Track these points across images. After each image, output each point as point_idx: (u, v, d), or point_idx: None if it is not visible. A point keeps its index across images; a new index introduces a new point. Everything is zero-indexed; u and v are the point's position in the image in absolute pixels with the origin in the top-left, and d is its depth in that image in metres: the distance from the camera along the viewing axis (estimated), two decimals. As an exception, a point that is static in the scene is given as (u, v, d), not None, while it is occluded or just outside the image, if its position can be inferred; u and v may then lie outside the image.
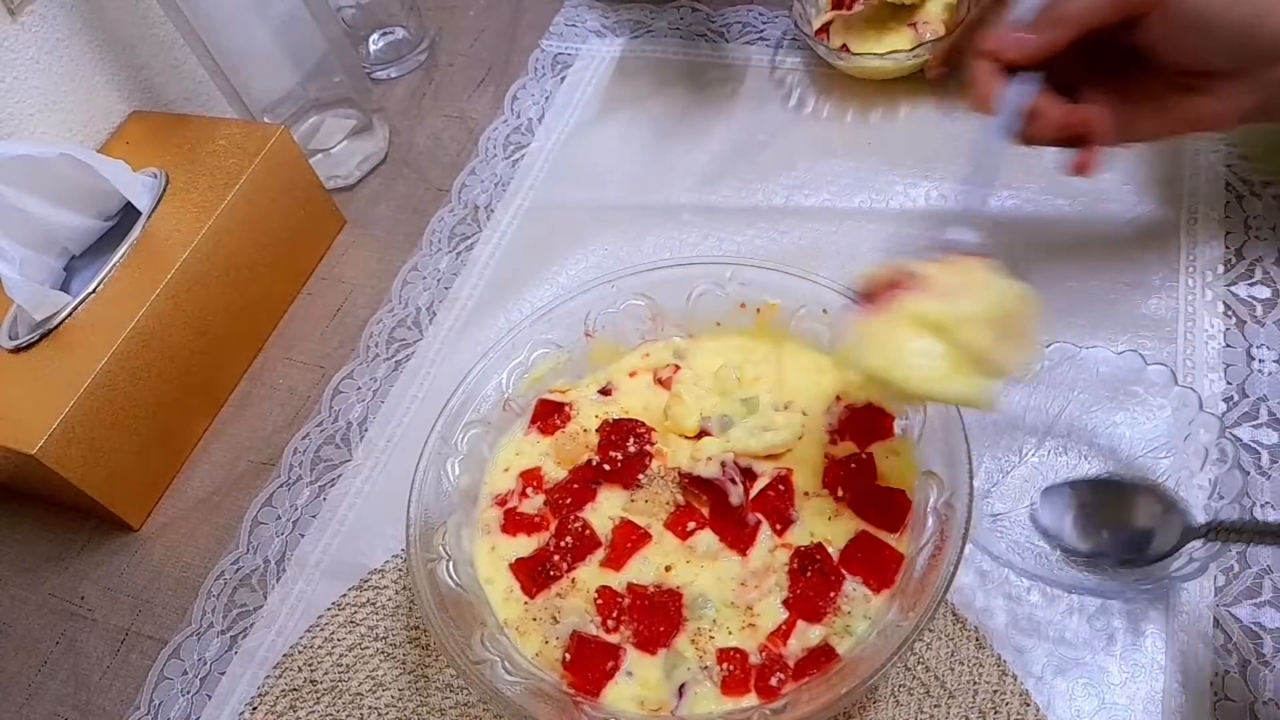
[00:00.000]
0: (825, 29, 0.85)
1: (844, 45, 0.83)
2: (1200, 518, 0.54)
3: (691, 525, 0.58)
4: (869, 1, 0.84)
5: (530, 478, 0.62)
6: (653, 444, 0.61)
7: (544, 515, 0.60)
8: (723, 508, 0.58)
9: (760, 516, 0.57)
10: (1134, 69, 0.57)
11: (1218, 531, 0.53)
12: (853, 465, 0.58)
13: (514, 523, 0.60)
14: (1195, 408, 0.57)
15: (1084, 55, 0.56)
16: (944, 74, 0.81)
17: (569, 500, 0.60)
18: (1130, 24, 0.55)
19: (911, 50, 0.80)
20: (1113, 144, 0.58)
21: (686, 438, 0.62)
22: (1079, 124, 0.56)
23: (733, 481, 0.58)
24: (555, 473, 0.62)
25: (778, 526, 0.57)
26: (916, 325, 0.50)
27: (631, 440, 0.61)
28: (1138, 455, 0.59)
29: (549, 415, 0.64)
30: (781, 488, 0.58)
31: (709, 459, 0.59)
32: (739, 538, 0.57)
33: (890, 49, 0.80)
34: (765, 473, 0.59)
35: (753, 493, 0.58)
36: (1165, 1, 0.53)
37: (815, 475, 0.59)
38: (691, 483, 0.59)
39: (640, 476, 0.60)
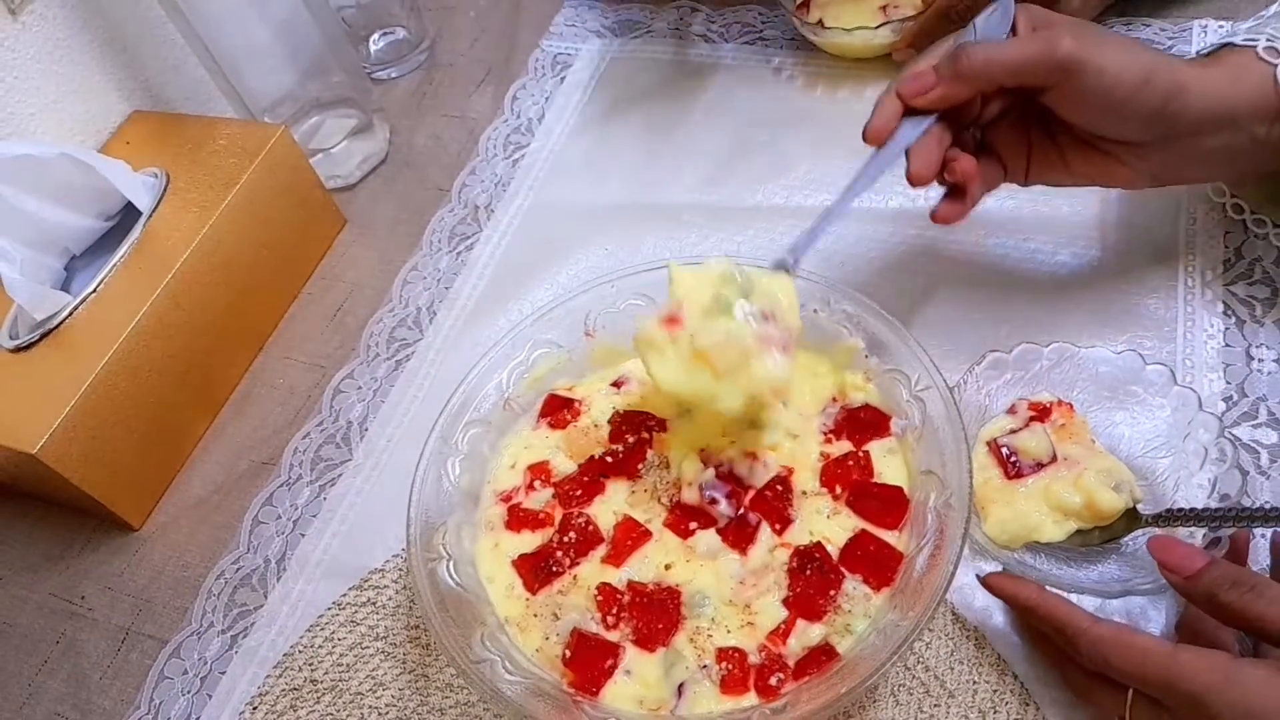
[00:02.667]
0: (805, 5, 0.87)
1: (820, 20, 0.84)
2: None
3: (693, 525, 0.58)
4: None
5: (538, 471, 0.62)
6: (651, 432, 0.61)
7: (547, 512, 0.60)
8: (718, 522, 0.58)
9: (760, 516, 0.57)
10: (1045, 121, 0.58)
11: (1165, 519, 0.54)
12: (850, 463, 0.58)
13: (517, 519, 0.60)
14: (1194, 407, 0.57)
15: (997, 99, 0.58)
16: (910, 56, 0.80)
17: (579, 492, 0.60)
18: (1039, 89, 0.56)
19: (876, 28, 0.81)
20: (1022, 182, 0.61)
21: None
22: (952, 172, 0.58)
23: (713, 501, 0.58)
24: (564, 466, 0.62)
25: (776, 526, 0.57)
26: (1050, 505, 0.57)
27: (643, 430, 0.61)
28: (1137, 455, 0.59)
29: (559, 410, 0.64)
30: (779, 488, 0.58)
31: (688, 484, 0.59)
32: (740, 536, 0.57)
33: (859, 24, 0.81)
34: (762, 476, 0.59)
35: (746, 497, 0.58)
36: (1073, 77, 0.54)
37: (813, 474, 0.59)
38: (681, 510, 0.58)
39: (640, 466, 0.60)
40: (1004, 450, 0.59)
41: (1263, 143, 0.56)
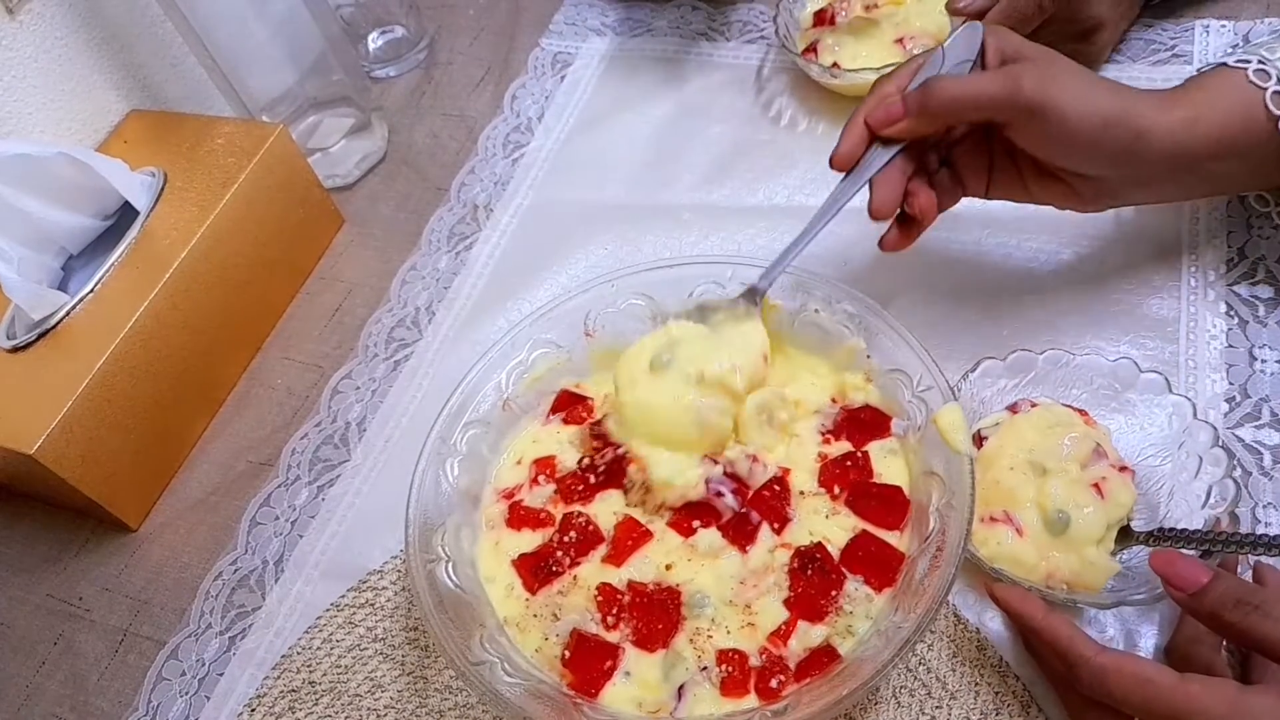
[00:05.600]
0: (813, 48, 0.83)
1: (835, 64, 0.81)
2: (1197, 524, 0.54)
3: (696, 524, 0.57)
4: (849, 12, 0.84)
5: (543, 465, 0.62)
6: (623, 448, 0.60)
7: (548, 511, 0.60)
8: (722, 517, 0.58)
9: (760, 515, 0.57)
10: (1007, 146, 0.59)
11: (1158, 537, 0.53)
12: (848, 464, 0.58)
13: (518, 518, 0.60)
14: (1189, 415, 0.57)
15: (961, 125, 0.60)
16: None
17: (581, 487, 0.60)
18: (1002, 125, 0.57)
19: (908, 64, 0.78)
20: (983, 196, 0.63)
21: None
22: (911, 205, 0.59)
23: (719, 494, 0.57)
24: (570, 461, 0.62)
25: (775, 526, 0.57)
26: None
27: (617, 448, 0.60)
28: (1135, 461, 0.59)
29: (572, 405, 0.64)
30: (777, 487, 0.58)
31: (689, 487, 0.58)
32: (740, 533, 0.57)
33: (885, 63, 0.78)
34: (760, 476, 0.59)
35: (748, 497, 0.58)
36: (1034, 119, 0.55)
37: (811, 475, 0.59)
38: (685, 511, 0.58)
39: (625, 481, 0.60)
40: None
41: (1220, 176, 0.58)
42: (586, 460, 0.61)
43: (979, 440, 0.59)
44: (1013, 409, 0.60)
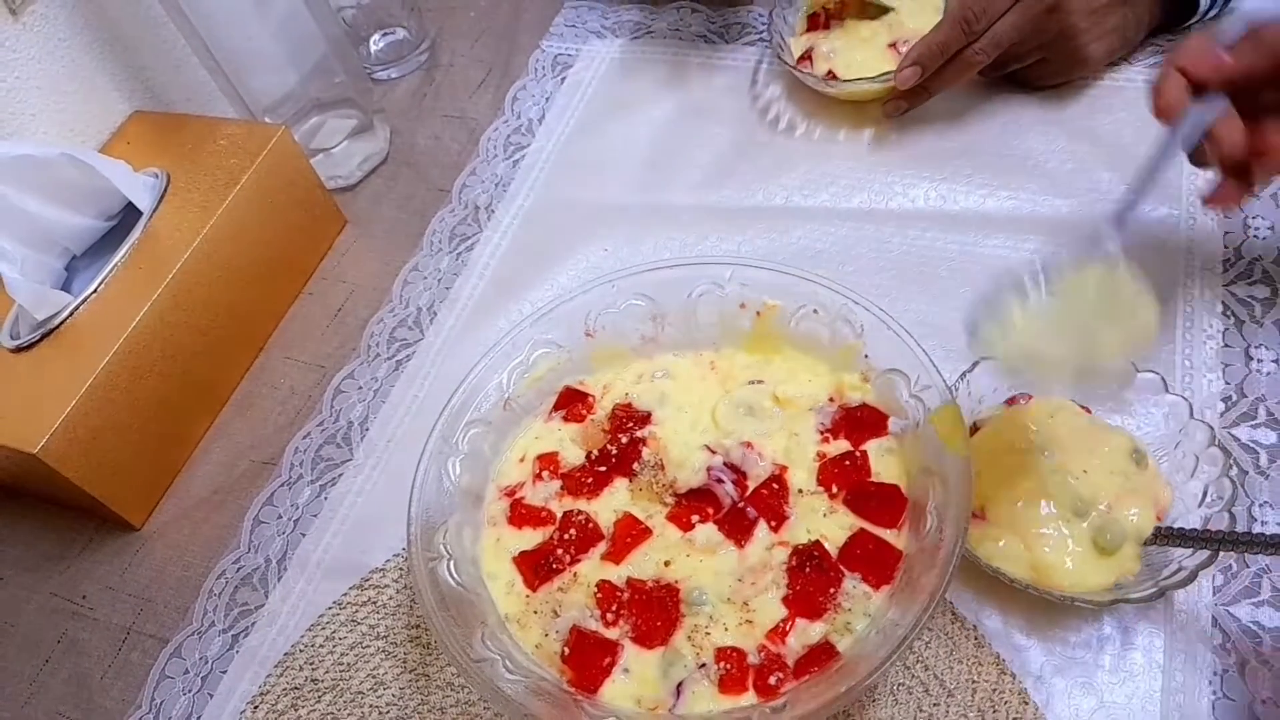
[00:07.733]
0: (807, 55, 0.83)
1: (829, 73, 0.81)
2: (1194, 523, 0.54)
3: (695, 519, 0.58)
4: (839, 17, 0.84)
5: (547, 461, 0.62)
6: (645, 429, 0.62)
7: (549, 510, 0.60)
8: (721, 506, 0.58)
9: (757, 512, 0.58)
10: None
11: (1155, 536, 0.54)
12: (846, 463, 0.58)
13: (520, 515, 0.60)
14: (1186, 415, 0.57)
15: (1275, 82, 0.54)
16: (916, 74, 0.76)
17: (590, 480, 0.60)
18: None
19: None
20: None
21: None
22: (1259, 148, 0.53)
23: (719, 481, 0.58)
24: (574, 457, 0.62)
25: (773, 524, 0.57)
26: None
27: (636, 430, 0.62)
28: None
29: (574, 403, 0.65)
30: (775, 485, 0.58)
31: (694, 471, 0.59)
32: (736, 527, 0.57)
33: (881, 72, 0.78)
34: (759, 473, 0.59)
35: (747, 491, 0.58)
36: None
37: (809, 473, 0.59)
38: (687, 499, 0.59)
39: (635, 465, 0.60)
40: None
41: None
42: (596, 452, 0.62)
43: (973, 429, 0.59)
44: (1011, 402, 0.61)
